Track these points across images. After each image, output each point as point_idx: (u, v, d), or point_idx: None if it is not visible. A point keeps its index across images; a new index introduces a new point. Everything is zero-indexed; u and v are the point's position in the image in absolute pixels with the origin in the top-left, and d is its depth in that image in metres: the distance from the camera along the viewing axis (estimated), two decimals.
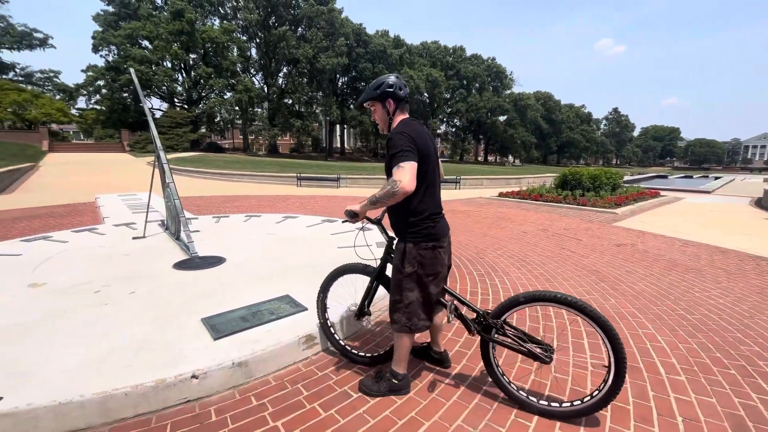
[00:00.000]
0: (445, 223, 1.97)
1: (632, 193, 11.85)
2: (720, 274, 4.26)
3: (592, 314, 1.69)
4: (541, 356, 1.82)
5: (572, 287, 3.69)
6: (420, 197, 1.82)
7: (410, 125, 1.83)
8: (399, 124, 1.86)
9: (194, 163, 22.51)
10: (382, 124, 1.96)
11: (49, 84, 42.08)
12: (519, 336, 1.87)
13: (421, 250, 1.85)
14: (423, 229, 1.84)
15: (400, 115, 1.92)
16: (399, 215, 1.89)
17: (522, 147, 60.92)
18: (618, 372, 1.68)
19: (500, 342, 1.90)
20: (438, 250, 1.88)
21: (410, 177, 1.68)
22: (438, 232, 1.88)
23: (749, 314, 3.12)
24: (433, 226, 1.87)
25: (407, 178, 1.67)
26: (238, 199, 10.32)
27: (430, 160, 1.83)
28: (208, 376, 1.96)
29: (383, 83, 1.87)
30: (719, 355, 2.45)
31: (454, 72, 54.86)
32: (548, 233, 6.42)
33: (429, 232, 1.85)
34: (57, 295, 2.92)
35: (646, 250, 5.35)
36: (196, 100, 41.20)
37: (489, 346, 1.93)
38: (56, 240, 4.65)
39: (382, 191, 1.73)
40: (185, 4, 36.29)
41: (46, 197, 10.25)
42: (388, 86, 1.86)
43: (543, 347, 1.84)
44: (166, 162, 4.54)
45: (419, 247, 1.85)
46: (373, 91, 1.89)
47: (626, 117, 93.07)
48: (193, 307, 2.69)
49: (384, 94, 1.87)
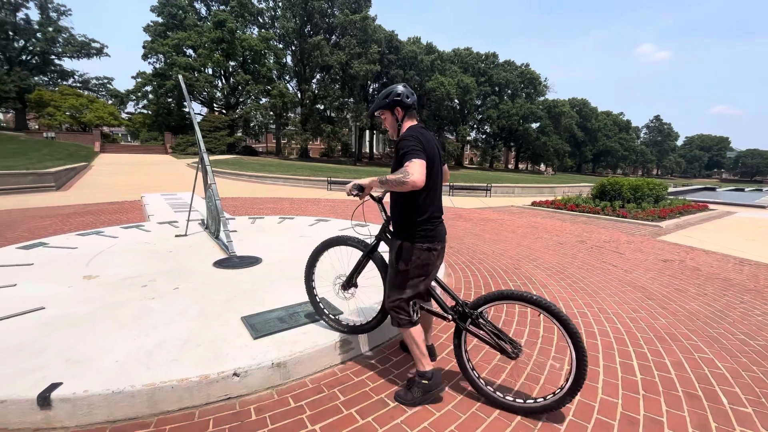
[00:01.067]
0: (443, 228, 2.04)
1: (678, 205, 11.15)
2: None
3: (557, 315, 1.78)
4: (510, 352, 1.93)
5: (617, 304, 3.49)
6: (423, 198, 1.91)
7: (418, 130, 1.92)
8: (408, 129, 1.95)
9: (231, 165, 23.43)
10: (392, 130, 2.07)
11: (103, 90, 45.26)
12: (492, 330, 1.98)
13: (416, 250, 1.94)
14: (422, 230, 1.93)
15: (408, 121, 2.02)
16: (401, 213, 1.98)
17: (555, 155, 59.03)
18: (579, 370, 1.76)
19: (473, 332, 2.01)
20: (432, 252, 1.97)
21: (421, 172, 1.74)
22: (435, 235, 1.97)
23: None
24: (432, 229, 1.95)
25: (418, 173, 1.73)
26: (272, 201, 10.61)
27: (434, 164, 1.92)
28: (249, 374, 2.00)
29: (392, 92, 1.99)
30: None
31: (486, 78, 54.14)
32: (587, 245, 6.14)
33: (427, 234, 1.94)
34: (108, 287, 3.09)
35: (697, 267, 5.00)
36: (234, 105, 42.96)
37: (462, 335, 2.04)
38: (107, 235, 4.95)
39: (393, 176, 1.79)
40: (227, 15, 38.10)
41: (97, 195, 10.98)
42: (396, 95, 1.98)
43: (513, 344, 1.95)
44: (209, 164, 4.73)
45: (415, 247, 1.94)
46: (383, 100, 2.01)
47: (669, 125, 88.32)
48: (234, 306, 2.76)
49: (393, 102, 1.99)
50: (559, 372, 2.30)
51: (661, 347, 2.66)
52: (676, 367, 2.40)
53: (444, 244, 2.06)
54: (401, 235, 1.98)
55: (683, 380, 2.25)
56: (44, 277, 3.27)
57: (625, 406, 1.99)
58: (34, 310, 2.60)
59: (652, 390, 2.14)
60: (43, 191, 11.52)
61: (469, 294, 3.61)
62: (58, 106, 36.55)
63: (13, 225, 6.24)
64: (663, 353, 2.57)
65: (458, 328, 2.05)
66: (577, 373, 1.76)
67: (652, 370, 2.34)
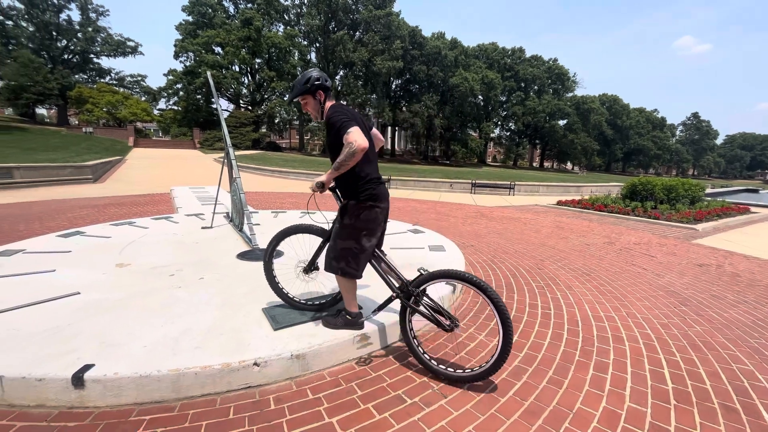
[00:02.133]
0: (385, 190, 2.29)
1: (716, 207, 10.55)
2: None
3: (488, 293, 1.98)
4: (445, 326, 2.13)
5: (647, 309, 3.33)
6: (360, 164, 2.11)
7: (341, 106, 2.16)
8: (331, 107, 2.16)
9: (255, 160, 23.95)
10: (315, 113, 2.24)
11: (137, 87, 47.27)
12: (431, 306, 2.20)
13: (361, 207, 2.18)
14: (365, 190, 2.17)
15: (329, 102, 2.22)
16: (346, 181, 2.18)
17: (582, 153, 57.04)
18: (505, 341, 1.96)
19: (416, 309, 2.19)
20: (375, 210, 2.20)
21: (361, 137, 1.97)
22: (378, 194, 2.20)
23: None
24: (374, 188, 2.19)
25: (360, 137, 1.96)
26: (294, 196, 10.78)
27: (364, 131, 2.09)
28: (269, 364, 2.03)
29: (311, 78, 2.16)
30: None
31: (511, 74, 52.87)
32: (615, 247, 5.91)
33: (371, 193, 2.17)
34: (139, 275, 3.22)
35: (736, 273, 4.71)
36: (259, 101, 43.91)
37: (406, 312, 2.24)
38: (139, 226, 5.16)
39: (342, 155, 2.00)
40: (254, 12, 38.87)
41: (130, 187, 11.48)
42: (317, 80, 2.16)
43: (451, 319, 2.15)
44: (234, 158, 4.84)
45: (360, 205, 2.18)
46: (304, 86, 2.16)
47: (708, 123, 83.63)
48: (256, 297, 2.82)
49: (314, 87, 2.17)
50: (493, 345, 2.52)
51: (695, 356, 2.52)
52: (712, 377, 2.27)
53: (387, 204, 2.28)
54: (347, 197, 2.22)
55: (719, 392, 2.12)
56: (80, 264, 3.45)
57: (654, 416, 1.89)
58: (71, 294, 2.74)
59: (685, 400, 2.03)
60: (82, 183, 12.15)
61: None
62: (96, 103, 38.49)
63: (54, 214, 6.61)
64: (697, 362, 2.44)
65: (403, 306, 2.25)
66: (503, 346, 1.96)
67: (685, 380, 2.22)
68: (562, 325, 2.89)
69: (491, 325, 2.82)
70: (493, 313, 1.97)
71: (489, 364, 2.01)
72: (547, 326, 2.87)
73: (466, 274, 2.07)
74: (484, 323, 2.86)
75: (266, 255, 2.61)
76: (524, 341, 2.62)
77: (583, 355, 2.45)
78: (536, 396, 2.01)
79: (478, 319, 2.94)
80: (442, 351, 2.44)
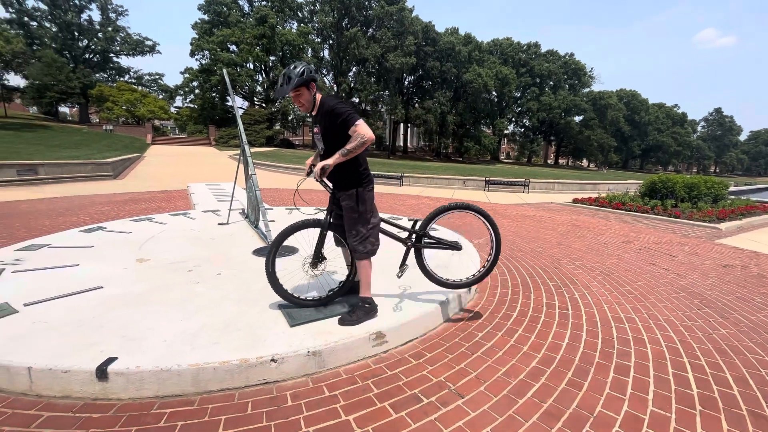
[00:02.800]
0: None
1: (740, 206, 10.18)
2: None
3: (478, 211, 2.79)
4: (452, 249, 2.85)
5: (669, 311, 3.24)
6: (362, 153, 2.33)
7: (335, 98, 2.33)
8: (327, 98, 2.30)
9: (269, 157, 24.21)
10: (308, 104, 2.32)
11: (155, 85, 48.24)
12: (435, 241, 2.81)
13: (366, 191, 2.43)
14: (366, 176, 2.43)
15: (318, 93, 2.35)
16: (347, 170, 2.36)
17: (599, 150, 55.77)
18: (496, 250, 2.81)
19: (426, 246, 2.77)
20: (373, 191, 2.51)
21: (369, 129, 2.19)
22: (372, 178, 2.51)
23: None
24: (370, 174, 2.48)
25: (369, 130, 2.19)
26: (308, 193, 10.84)
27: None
28: (286, 361, 2.04)
29: (305, 70, 2.23)
30: None
31: (526, 69, 51.99)
32: (634, 246, 5.76)
33: (370, 178, 2.48)
34: (158, 270, 3.29)
35: (763, 274, 4.54)
36: (273, 98, 44.25)
37: (421, 252, 2.78)
38: (157, 222, 5.27)
39: (353, 144, 2.19)
40: (268, 10, 39.12)
41: (149, 183, 11.75)
42: (310, 72, 2.25)
43: (452, 246, 2.84)
44: (250, 155, 4.89)
45: (365, 189, 2.42)
46: (300, 77, 2.21)
47: (731, 119, 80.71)
48: (271, 293, 2.81)
49: (310, 78, 2.26)
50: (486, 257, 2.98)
51: (721, 360, 2.44)
52: (739, 383, 2.19)
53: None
54: (353, 185, 2.38)
55: (747, 398, 2.05)
56: (103, 259, 3.54)
57: (679, 422, 1.84)
58: (94, 288, 2.81)
59: (711, 406, 1.96)
60: (103, 179, 12.48)
61: (505, 292, 3.50)
62: (115, 101, 39.43)
63: (77, 210, 6.81)
64: (723, 367, 2.35)
65: (417, 249, 2.76)
66: (495, 253, 2.82)
67: (711, 385, 2.15)
68: (580, 326, 2.83)
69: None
70: (486, 226, 2.80)
71: (489, 263, 2.86)
72: (566, 327, 2.82)
73: (452, 204, 2.75)
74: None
75: (269, 265, 2.46)
76: (542, 342, 2.57)
77: (603, 357, 2.40)
78: (555, 398, 1.98)
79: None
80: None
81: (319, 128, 2.38)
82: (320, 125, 2.36)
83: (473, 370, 2.20)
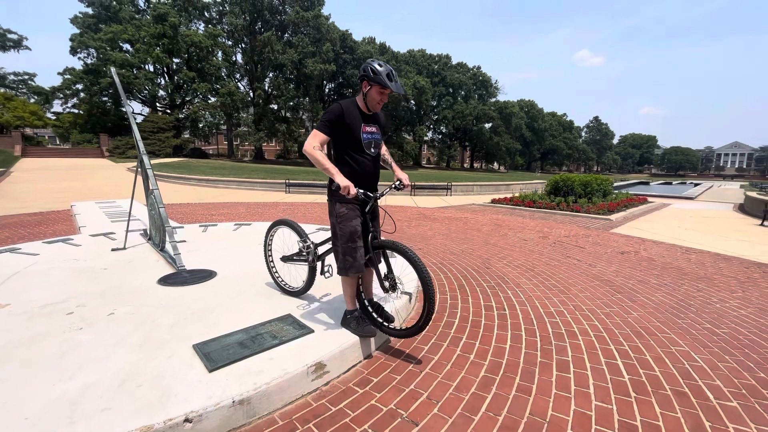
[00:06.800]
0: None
1: (623, 199, 11.97)
2: (731, 283, 4.16)
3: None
4: (324, 273, 2.70)
5: (589, 300, 3.50)
6: None
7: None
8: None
9: (177, 168, 21.80)
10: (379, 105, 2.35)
11: (24, 87, 40.49)
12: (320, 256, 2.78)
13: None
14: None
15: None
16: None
17: (507, 154, 61.73)
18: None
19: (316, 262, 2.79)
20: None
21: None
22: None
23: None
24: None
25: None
26: (226, 207, 9.90)
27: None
28: (204, 418, 1.65)
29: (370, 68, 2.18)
30: (763, 374, 2.27)
31: (440, 79, 55.32)
32: (549, 241, 6.28)
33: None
34: (22, 317, 2.54)
35: (651, 257, 5.25)
36: (180, 104, 40.24)
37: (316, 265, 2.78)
38: (25, 252, 4.22)
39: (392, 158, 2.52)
40: (168, 8, 35.54)
41: (16, 205, 9.59)
42: (363, 70, 2.22)
43: (328, 269, 2.67)
44: (150, 167, 4.18)
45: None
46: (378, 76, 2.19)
47: (606, 125, 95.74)
48: (183, 331, 2.36)
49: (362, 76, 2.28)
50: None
51: (640, 343, 2.65)
52: (658, 363, 2.38)
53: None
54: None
55: (668, 377, 2.22)
56: None
57: (620, 412, 1.90)
58: None
59: (642, 391, 2.08)
60: None
61: (444, 298, 3.45)
62: None
63: None
64: (643, 349, 2.56)
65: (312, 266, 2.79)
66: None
67: (638, 369, 2.30)
68: (519, 326, 2.88)
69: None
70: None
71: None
72: (506, 328, 2.84)
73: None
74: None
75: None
76: (486, 347, 2.53)
77: (544, 356, 2.43)
78: (509, 408, 1.91)
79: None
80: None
81: (377, 128, 2.32)
82: (378, 125, 2.34)
83: (424, 390, 2.04)
